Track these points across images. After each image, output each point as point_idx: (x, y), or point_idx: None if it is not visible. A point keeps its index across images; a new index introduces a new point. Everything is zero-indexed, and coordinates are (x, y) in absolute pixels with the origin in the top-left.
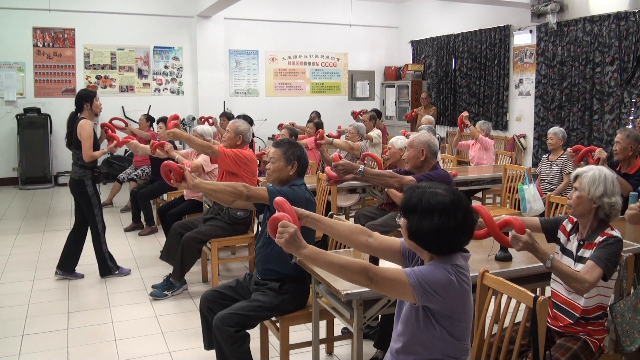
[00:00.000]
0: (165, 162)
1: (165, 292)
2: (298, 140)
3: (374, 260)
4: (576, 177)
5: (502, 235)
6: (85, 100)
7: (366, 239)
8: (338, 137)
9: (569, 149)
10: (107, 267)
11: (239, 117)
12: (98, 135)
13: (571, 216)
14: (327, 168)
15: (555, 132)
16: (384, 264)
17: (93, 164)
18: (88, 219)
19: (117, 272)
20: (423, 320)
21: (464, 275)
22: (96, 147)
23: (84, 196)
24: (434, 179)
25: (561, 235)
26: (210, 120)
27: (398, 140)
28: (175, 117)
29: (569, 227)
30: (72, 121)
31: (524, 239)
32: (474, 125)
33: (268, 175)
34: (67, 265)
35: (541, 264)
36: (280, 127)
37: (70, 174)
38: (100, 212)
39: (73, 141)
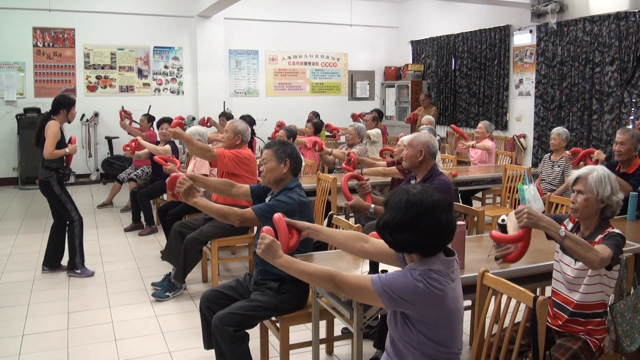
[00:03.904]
0: (173, 176)
1: (168, 294)
2: (298, 139)
3: (374, 265)
4: (577, 179)
5: (529, 236)
6: (64, 106)
7: (362, 244)
8: (337, 131)
9: (567, 152)
10: (74, 263)
11: (242, 117)
12: (66, 138)
13: (575, 218)
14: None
15: (559, 132)
16: (384, 267)
17: (58, 164)
18: (64, 215)
19: (79, 271)
20: (400, 323)
21: (435, 281)
22: (60, 147)
23: (53, 196)
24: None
25: None
26: (209, 122)
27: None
28: (181, 119)
29: (569, 226)
30: (44, 122)
31: (526, 209)
32: (476, 126)
33: (263, 176)
34: (52, 262)
35: (541, 263)
36: (280, 125)
37: (38, 177)
38: (74, 207)
39: (40, 141)
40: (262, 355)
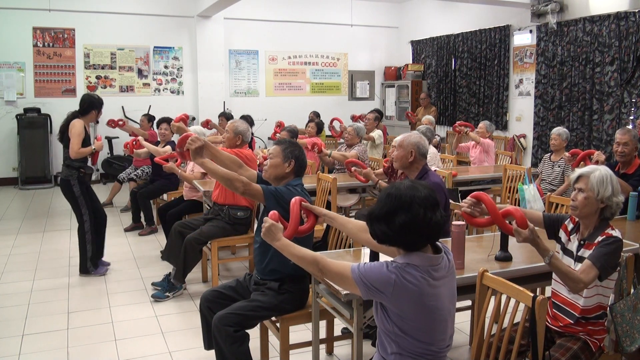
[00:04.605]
0: (185, 134)
1: (167, 294)
2: (298, 140)
3: (374, 255)
4: (578, 177)
5: (505, 223)
6: (95, 107)
7: (368, 236)
8: (339, 134)
9: (566, 153)
10: (85, 267)
11: (242, 117)
12: (91, 135)
13: (574, 217)
14: None
15: (560, 132)
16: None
17: (80, 163)
18: (76, 218)
19: (93, 271)
20: (380, 313)
21: (410, 275)
22: (85, 145)
23: (71, 196)
24: None
25: (562, 235)
26: (209, 124)
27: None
28: (186, 116)
29: (570, 226)
30: (69, 120)
31: (524, 235)
32: (476, 126)
33: (265, 170)
34: (93, 261)
35: (541, 263)
36: (279, 125)
37: (60, 175)
38: (88, 212)
39: (64, 139)
40: (262, 355)
